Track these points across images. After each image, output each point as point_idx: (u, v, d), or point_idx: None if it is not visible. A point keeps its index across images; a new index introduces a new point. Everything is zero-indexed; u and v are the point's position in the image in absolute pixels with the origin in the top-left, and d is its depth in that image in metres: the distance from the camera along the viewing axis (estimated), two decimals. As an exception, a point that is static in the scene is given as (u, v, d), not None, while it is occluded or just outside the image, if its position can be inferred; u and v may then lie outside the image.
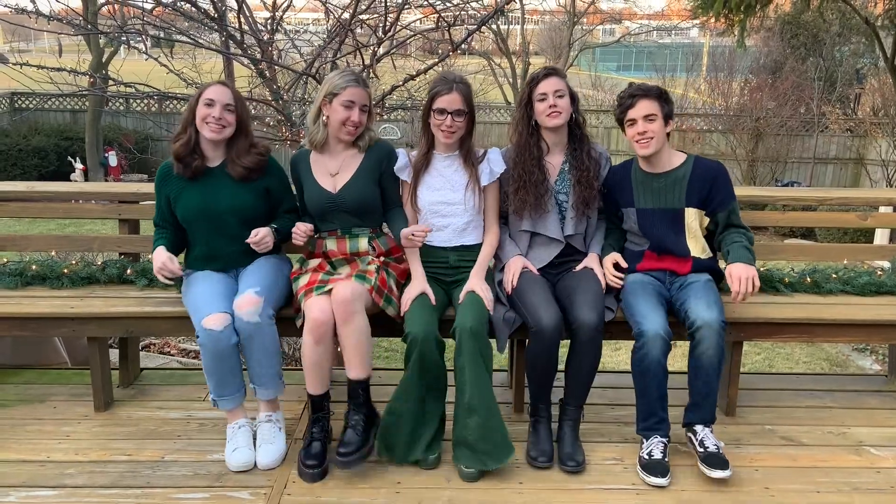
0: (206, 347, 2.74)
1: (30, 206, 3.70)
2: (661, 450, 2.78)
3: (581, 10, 18.47)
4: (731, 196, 2.99)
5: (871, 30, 9.91)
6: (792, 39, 15.48)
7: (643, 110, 2.93)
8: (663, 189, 3.01)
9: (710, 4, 7.52)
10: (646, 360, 2.75)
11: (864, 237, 9.20)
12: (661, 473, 2.71)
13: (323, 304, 2.73)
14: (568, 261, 3.10)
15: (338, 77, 2.94)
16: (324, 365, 2.79)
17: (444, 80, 2.98)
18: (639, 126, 2.93)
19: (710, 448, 2.74)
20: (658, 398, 2.79)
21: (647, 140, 2.93)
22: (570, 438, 2.89)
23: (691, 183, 2.97)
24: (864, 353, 6.21)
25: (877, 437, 3.08)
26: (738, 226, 3.00)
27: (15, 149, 12.89)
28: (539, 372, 2.88)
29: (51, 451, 2.92)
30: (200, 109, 2.91)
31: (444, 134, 2.96)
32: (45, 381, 3.57)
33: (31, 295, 3.25)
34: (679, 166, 3.01)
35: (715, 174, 2.99)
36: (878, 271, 3.47)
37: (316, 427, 2.83)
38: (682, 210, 2.99)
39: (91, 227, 9.45)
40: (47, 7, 4.50)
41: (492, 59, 17.10)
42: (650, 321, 2.76)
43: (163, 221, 3.06)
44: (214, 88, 2.94)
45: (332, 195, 2.98)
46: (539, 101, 3.01)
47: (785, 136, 13.18)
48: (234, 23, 4.43)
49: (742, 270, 2.79)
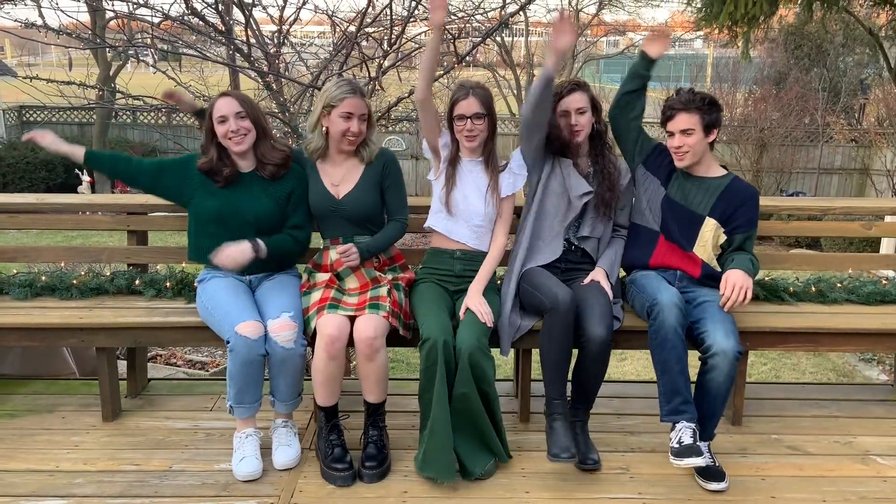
0: (236, 353, 2.75)
1: (39, 218, 3.74)
2: (690, 435, 2.70)
3: (585, 22, 18.54)
4: (753, 223, 3.01)
5: (874, 40, 9.93)
6: (796, 50, 15.50)
7: (681, 124, 2.94)
8: (694, 191, 3.03)
9: (714, 16, 7.53)
10: (662, 331, 2.75)
11: (869, 247, 9.18)
12: (697, 453, 2.65)
13: (339, 322, 2.77)
14: (576, 268, 3.11)
15: (335, 88, 2.94)
16: (336, 379, 2.84)
17: (462, 87, 3.02)
18: (676, 140, 2.96)
19: (699, 452, 2.72)
20: (680, 372, 2.74)
21: (682, 154, 2.96)
22: (583, 438, 2.92)
23: (721, 197, 2.99)
24: (870, 364, 6.19)
25: (883, 447, 3.08)
26: (749, 251, 3.01)
27: (23, 161, 12.99)
28: (555, 355, 2.84)
29: (59, 460, 2.94)
30: (217, 129, 2.94)
31: (467, 138, 3.00)
32: (53, 392, 3.59)
33: (40, 306, 3.27)
34: (717, 177, 3.04)
35: (746, 198, 3.01)
36: (883, 280, 3.47)
37: (333, 434, 2.88)
38: (703, 217, 3.01)
39: (98, 240, 9.50)
40: (56, 21, 4.54)
41: (496, 71, 17.17)
42: (663, 294, 2.81)
43: (141, 164, 3.10)
44: (221, 103, 2.95)
45: (335, 201, 3.00)
46: (560, 117, 3.04)
47: (789, 147, 13.19)
48: (241, 36, 4.47)
49: (739, 278, 2.81)
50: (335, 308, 2.83)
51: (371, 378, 2.84)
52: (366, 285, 2.99)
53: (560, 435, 2.83)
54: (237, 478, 2.81)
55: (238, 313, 2.81)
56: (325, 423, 2.89)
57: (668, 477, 2.85)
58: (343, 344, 2.78)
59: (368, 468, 2.80)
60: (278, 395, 2.92)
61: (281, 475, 2.84)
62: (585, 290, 3.00)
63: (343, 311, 2.82)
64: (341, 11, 14.46)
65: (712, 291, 2.96)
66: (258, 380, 2.85)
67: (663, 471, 2.89)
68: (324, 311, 2.81)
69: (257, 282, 3.06)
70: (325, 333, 2.75)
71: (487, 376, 2.77)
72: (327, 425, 2.89)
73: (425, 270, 3.13)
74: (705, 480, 2.74)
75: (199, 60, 5.39)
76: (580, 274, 3.10)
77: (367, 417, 2.91)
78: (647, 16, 39.05)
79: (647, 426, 3.17)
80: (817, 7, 7.72)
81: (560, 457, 2.77)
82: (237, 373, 2.79)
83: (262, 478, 2.82)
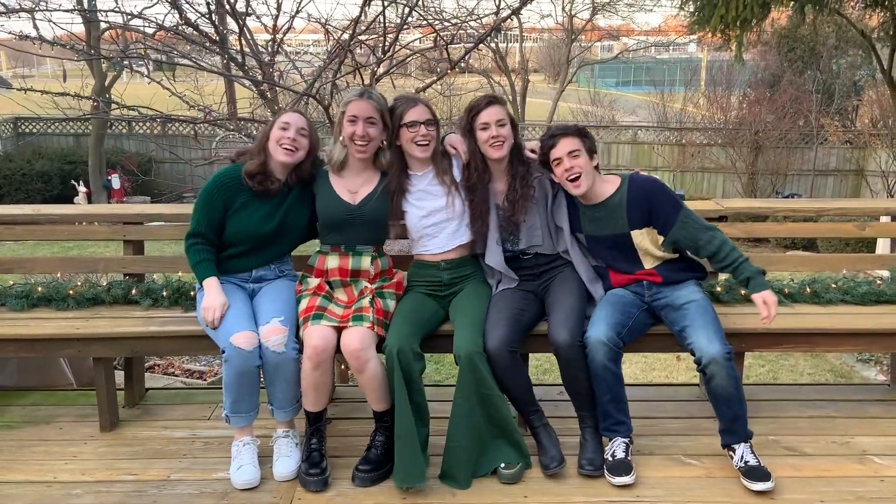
0: (231, 364, 2.76)
1: (35, 229, 3.74)
2: (624, 449, 2.87)
3: (579, 27, 18.61)
4: (676, 208, 2.96)
5: (867, 42, 9.98)
6: (789, 53, 15.59)
7: (566, 147, 2.92)
8: (603, 218, 3.01)
9: (706, 20, 7.58)
10: (592, 365, 2.84)
11: (866, 248, 9.19)
12: (625, 472, 2.79)
13: (324, 333, 2.79)
14: (548, 269, 3.12)
15: (347, 95, 3.01)
16: (321, 388, 2.87)
17: (405, 98, 3.04)
18: (565, 163, 2.92)
19: (750, 462, 2.78)
20: (609, 401, 2.87)
21: (575, 176, 2.91)
22: (591, 444, 2.92)
23: (629, 206, 2.97)
24: (868, 364, 6.19)
25: (880, 447, 3.09)
26: (707, 228, 2.95)
27: (19, 173, 12.99)
28: (512, 394, 2.92)
29: (57, 471, 2.94)
30: (275, 132, 2.95)
31: (420, 148, 2.96)
32: (51, 403, 3.59)
33: (37, 317, 3.27)
34: (613, 194, 3.00)
35: (650, 193, 2.97)
36: (878, 280, 3.48)
37: (314, 439, 2.90)
38: (627, 234, 3.00)
39: (95, 250, 9.49)
40: (50, 33, 4.55)
41: (491, 76, 17.21)
42: (594, 329, 2.86)
43: (209, 231, 2.97)
44: (290, 114, 3.00)
45: (351, 206, 3.01)
46: (481, 130, 2.98)
47: (784, 149, 13.24)
48: (236, 45, 4.48)
49: (770, 297, 2.86)
50: (320, 318, 2.83)
51: (367, 388, 2.86)
52: (352, 300, 3.00)
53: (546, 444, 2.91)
54: (235, 486, 2.81)
55: (234, 323, 2.82)
56: (309, 426, 2.92)
57: (667, 479, 2.86)
58: (329, 355, 2.80)
59: (358, 469, 2.83)
60: (275, 402, 2.93)
61: (279, 483, 2.84)
62: (556, 291, 3.02)
63: (327, 322, 2.83)
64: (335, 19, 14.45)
65: (688, 289, 2.99)
66: (254, 389, 2.86)
67: (661, 473, 2.89)
68: (308, 322, 2.83)
69: (258, 289, 3.07)
70: (311, 345, 2.77)
71: (488, 380, 2.79)
72: (310, 429, 2.91)
73: (413, 281, 3.14)
74: (750, 481, 2.73)
75: (194, 70, 5.40)
76: (554, 271, 3.11)
77: (376, 421, 2.94)
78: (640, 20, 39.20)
79: (645, 428, 3.17)
80: (809, 10, 7.77)
81: (583, 468, 2.86)
82: (232, 383, 2.80)
83: (260, 486, 2.82)
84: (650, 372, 5.87)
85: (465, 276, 3.10)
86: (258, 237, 3.00)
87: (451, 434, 2.81)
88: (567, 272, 3.10)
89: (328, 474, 2.83)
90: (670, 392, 3.77)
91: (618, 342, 2.85)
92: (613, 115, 18.32)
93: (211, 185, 2.98)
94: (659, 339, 3.08)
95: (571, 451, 2.93)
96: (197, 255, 2.97)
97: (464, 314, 2.93)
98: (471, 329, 2.84)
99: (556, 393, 3.55)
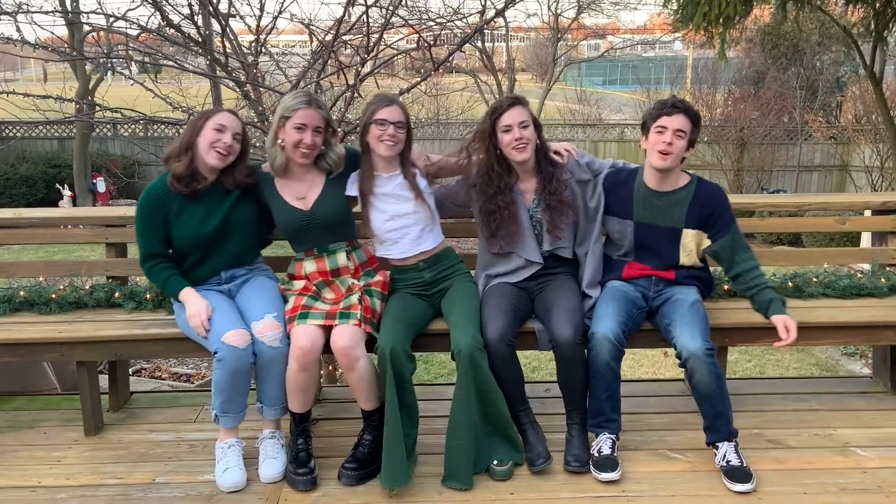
0: (224, 363, 2.75)
1: (17, 233, 3.71)
2: (610, 445, 2.88)
3: (565, 26, 18.67)
4: (731, 219, 3.01)
5: (849, 38, 10.05)
6: (773, 50, 15.68)
7: (678, 123, 2.91)
8: (664, 207, 3.02)
9: (689, 17, 7.61)
10: (595, 362, 2.84)
11: (850, 242, 9.25)
12: (611, 468, 2.80)
13: (311, 333, 2.78)
14: (547, 273, 3.11)
15: (290, 99, 2.89)
16: (307, 389, 2.87)
17: (383, 97, 3.00)
18: (667, 136, 2.90)
19: (732, 462, 2.79)
20: (606, 399, 2.89)
21: (667, 153, 2.90)
22: (577, 441, 2.93)
23: (693, 205, 3.00)
24: (853, 358, 6.25)
25: (863, 438, 3.11)
26: (745, 249, 3.00)
27: (3, 177, 12.91)
28: (508, 390, 2.88)
29: (42, 476, 2.92)
30: (208, 133, 2.85)
31: (385, 146, 2.91)
32: (35, 408, 3.57)
33: (19, 321, 3.25)
34: (683, 187, 3.02)
35: (716, 200, 3.01)
36: (859, 274, 3.52)
37: (301, 439, 2.89)
38: (680, 230, 3.02)
39: (80, 254, 9.42)
40: (33, 35, 4.52)
41: (478, 76, 17.24)
42: (602, 324, 2.85)
43: (162, 248, 2.94)
44: (226, 115, 2.92)
45: (305, 213, 2.95)
46: (503, 133, 2.95)
47: (769, 146, 13.33)
48: (220, 46, 4.47)
49: (792, 322, 2.85)
50: (306, 317, 2.82)
51: (357, 387, 2.85)
52: (340, 296, 2.99)
53: (532, 441, 2.92)
54: (221, 489, 2.80)
55: (223, 323, 2.81)
56: (295, 427, 2.91)
57: (652, 474, 2.87)
58: (315, 357, 2.80)
59: (344, 467, 2.83)
60: (266, 399, 2.92)
61: (265, 485, 2.84)
62: (555, 289, 3.02)
63: (313, 320, 2.81)
64: (319, 20, 14.42)
65: (688, 290, 3.01)
66: (244, 389, 2.85)
67: (647, 468, 2.91)
68: (294, 322, 2.82)
69: (236, 289, 3.04)
70: (298, 345, 2.76)
71: (487, 376, 2.79)
72: (296, 430, 2.91)
73: (396, 284, 3.11)
74: (730, 481, 2.74)
75: (177, 72, 5.38)
76: (552, 276, 3.10)
77: (364, 420, 2.94)
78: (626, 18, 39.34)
79: (631, 424, 3.18)
80: (791, 6, 7.82)
81: (569, 464, 2.88)
82: (224, 382, 2.78)
83: (246, 488, 2.81)
84: (637, 368, 5.90)
85: (448, 272, 3.09)
86: (203, 238, 2.92)
87: (452, 433, 2.79)
88: (564, 276, 3.11)
89: (316, 474, 2.83)
90: (656, 387, 3.79)
91: (623, 340, 2.85)
92: (600, 114, 18.40)
93: (142, 204, 2.91)
94: (647, 334, 3.09)
95: (557, 447, 2.94)
96: (161, 274, 2.93)
97: (458, 311, 2.92)
98: (468, 325, 2.83)
99: (543, 390, 3.58)
